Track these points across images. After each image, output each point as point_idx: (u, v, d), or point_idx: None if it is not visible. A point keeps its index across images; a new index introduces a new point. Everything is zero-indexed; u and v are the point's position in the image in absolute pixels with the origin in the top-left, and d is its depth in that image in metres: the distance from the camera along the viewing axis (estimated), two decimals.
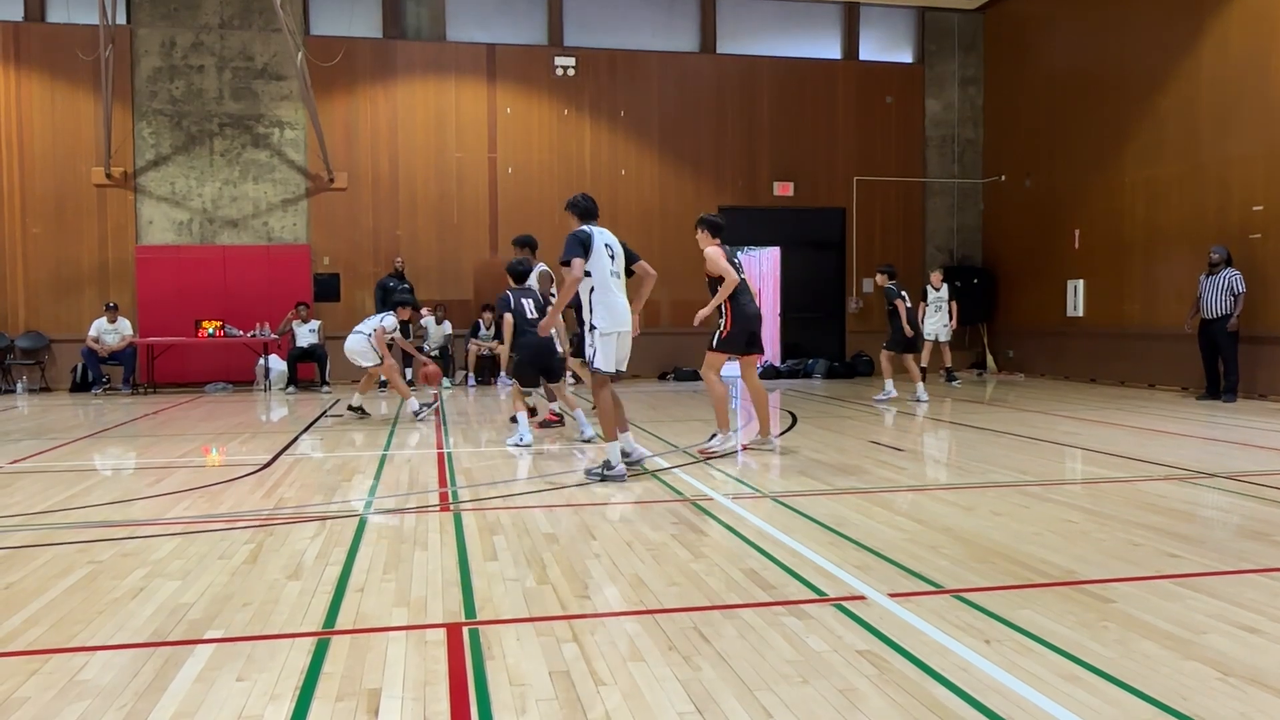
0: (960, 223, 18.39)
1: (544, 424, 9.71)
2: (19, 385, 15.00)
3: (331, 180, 16.03)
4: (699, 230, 8.11)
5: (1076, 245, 15.68)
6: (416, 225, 16.42)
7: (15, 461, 7.90)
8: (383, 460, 7.81)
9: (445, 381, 15.52)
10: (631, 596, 3.98)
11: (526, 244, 9.86)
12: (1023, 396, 13.16)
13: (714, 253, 7.85)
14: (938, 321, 14.14)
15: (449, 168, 16.50)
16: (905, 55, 18.25)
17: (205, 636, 3.51)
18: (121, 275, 15.47)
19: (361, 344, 10.73)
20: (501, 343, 8.96)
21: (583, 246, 6.68)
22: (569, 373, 10.03)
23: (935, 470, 7.19)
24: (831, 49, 17.95)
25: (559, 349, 8.87)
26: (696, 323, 8.10)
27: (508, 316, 8.76)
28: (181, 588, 4.13)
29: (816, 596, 3.94)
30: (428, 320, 15.72)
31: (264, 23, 15.75)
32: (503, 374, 15.62)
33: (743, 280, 7.89)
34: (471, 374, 15.77)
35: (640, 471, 7.01)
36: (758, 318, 8.01)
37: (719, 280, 7.84)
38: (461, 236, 16.55)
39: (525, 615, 3.74)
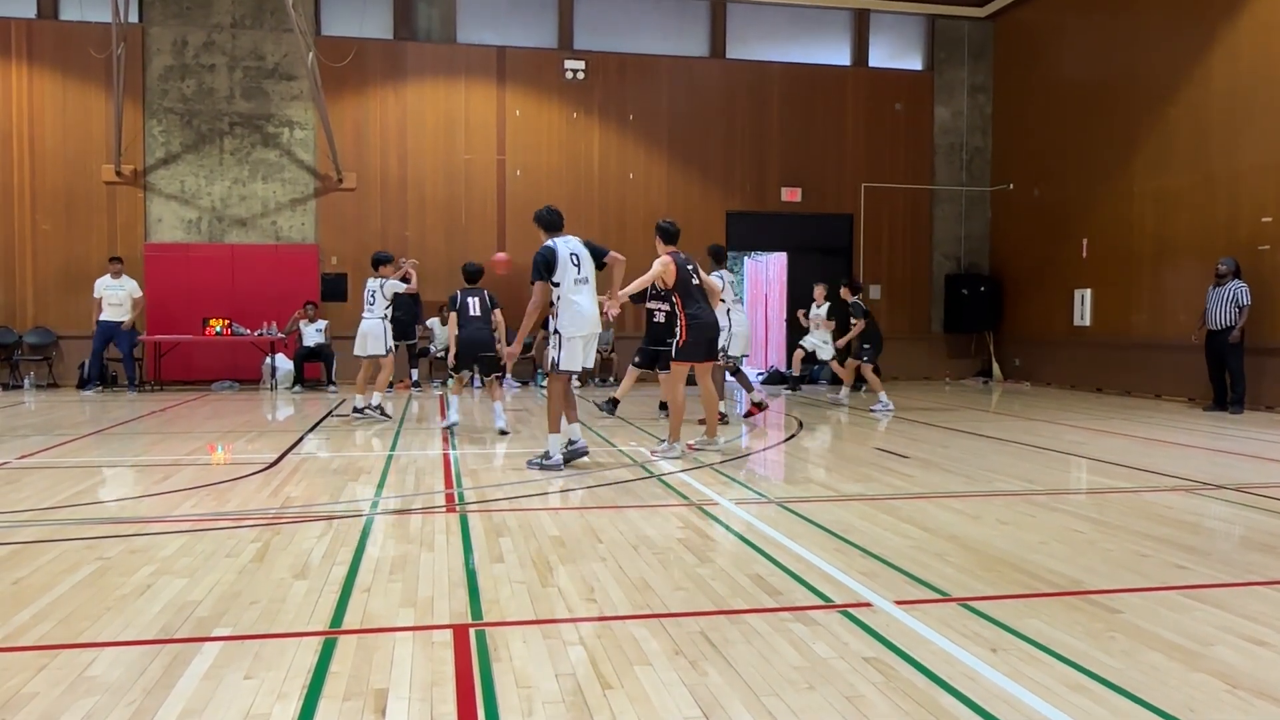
0: (968, 231, 18.37)
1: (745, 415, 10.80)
2: (26, 381, 15.04)
3: (340, 180, 16.07)
4: (656, 235, 8.43)
5: (1084, 254, 15.66)
6: (425, 226, 16.45)
7: (23, 457, 7.92)
8: (389, 461, 7.82)
9: (450, 382, 15.51)
10: (638, 600, 3.98)
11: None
12: (1028, 405, 13.14)
13: (662, 260, 8.11)
14: (819, 337, 13.60)
15: (458, 169, 16.53)
16: (915, 63, 18.25)
17: (213, 634, 3.52)
18: (130, 272, 15.44)
19: (378, 327, 10.89)
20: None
21: (546, 267, 7.23)
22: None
23: (941, 478, 7.18)
24: (841, 55, 17.95)
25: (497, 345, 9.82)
26: (605, 310, 7.90)
27: (453, 315, 9.70)
28: (189, 585, 4.14)
29: (823, 603, 3.94)
30: (433, 321, 15.74)
31: (275, 23, 15.80)
32: (508, 376, 15.67)
33: (697, 288, 8.13)
34: (477, 376, 15.74)
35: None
36: (714, 326, 8.19)
37: (670, 288, 8.13)
38: (469, 238, 16.56)
39: (532, 618, 3.74)
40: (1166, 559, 4.70)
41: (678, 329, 8.10)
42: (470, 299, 9.73)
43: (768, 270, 20.44)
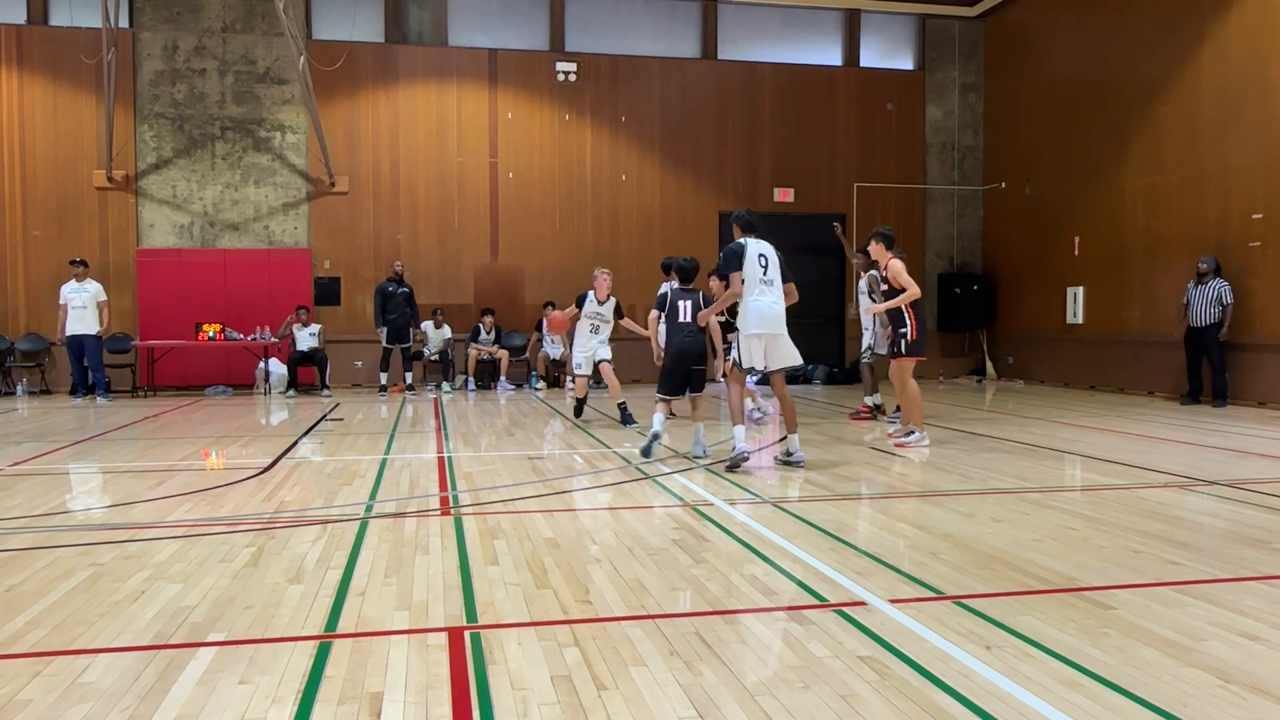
0: (960, 229, 18.41)
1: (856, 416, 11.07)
2: (19, 388, 14.99)
3: (333, 184, 16.05)
4: (873, 242, 8.88)
5: (1076, 252, 15.70)
6: (417, 229, 16.44)
7: (16, 464, 7.90)
8: (383, 464, 7.81)
9: (445, 385, 15.53)
10: (633, 601, 3.98)
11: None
12: (1022, 403, 13.17)
13: (897, 266, 8.69)
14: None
15: (450, 172, 16.52)
16: (906, 62, 18.28)
17: (207, 639, 3.52)
18: (122, 278, 15.47)
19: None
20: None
21: (737, 259, 7.32)
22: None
23: (935, 476, 7.20)
24: (832, 55, 17.98)
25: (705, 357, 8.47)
26: (870, 312, 9.10)
27: (655, 315, 9.08)
28: (183, 590, 4.14)
29: (817, 602, 3.95)
30: (427, 324, 15.73)
31: (266, 27, 15.78)
32: (502, 378, 15.68)
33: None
34: (471, 378, 15.79)
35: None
36: (924, 324, 8.87)
37: (898, 290, 8.65)
38: (462, 241, 16.57)
39: (527, 619, 3.74)
40: (1159, 555, 4.72)
41: (906, 328, 8.65)
42: (682, 302, 8.16)
43: None
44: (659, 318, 8.84)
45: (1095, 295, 15.35)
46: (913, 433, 8.66)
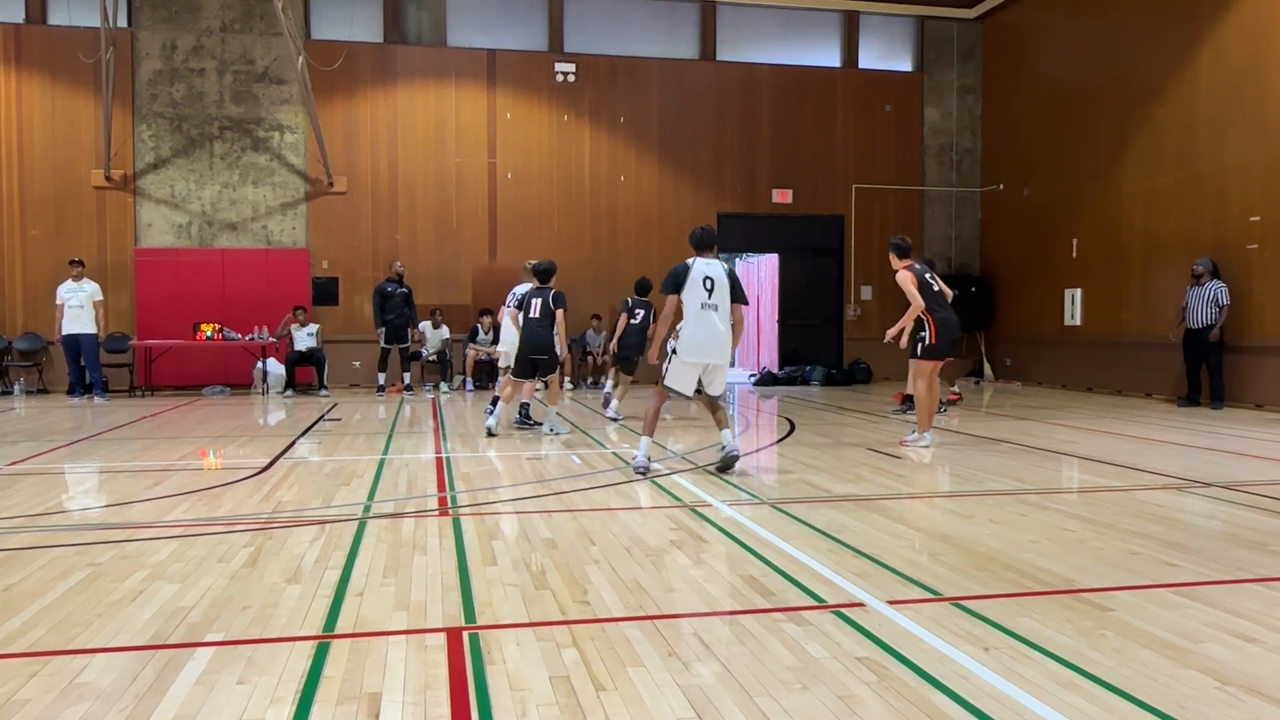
0: (958, 231, 18.43)
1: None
2: (16, 387, 14.97)
3: (331, 184, 16.05)
4: (889, 252, 8.83)
5: (1074, 254, 15.72)
6: (416, 230, 16.44)
7: (14, 463, 7.89)
8: (381, 465, 7.81)
9: (443, 385, 15.53)
10: (631, 602, 3.98)
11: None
12: (1020, 405, 13.18)
13: (903, 278, 8.53)
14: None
15: (449, 172, 16.53)
16: (904, 64, 18.30)
17: (205, 639, 3.51)
18: (120, 278, 15.46)
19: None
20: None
21: (676, 282, 7.10)
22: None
23: (933, 478, 7.20)
24: (831, 57, 18.00)
25: (558, 350, 9.51)
26: (887, 340, 8.80)
27: (515, 313, 9.66)
28: (181, 590, 4.13)
29: (816, 603, 3.95)
30: (425, 325, 15.73)
31: (265, 26, 15.78)
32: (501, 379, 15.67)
33: (938, 293, 8.67)
34: (469, 379, 15.78)
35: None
36: (957, 326, 8.77)
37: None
38: (460, 241, 16.57)
39: (525, 620, 3.74)
40: (1157, 557, 4.73)
41: (925, 332, 8.56)
42: (534, 300, 9.41)
43: (759, 272, 20.47)
44: (517, 314, 9.61)
45: (1093, 297, 15.36)
46: (913, 432, 8.76)
